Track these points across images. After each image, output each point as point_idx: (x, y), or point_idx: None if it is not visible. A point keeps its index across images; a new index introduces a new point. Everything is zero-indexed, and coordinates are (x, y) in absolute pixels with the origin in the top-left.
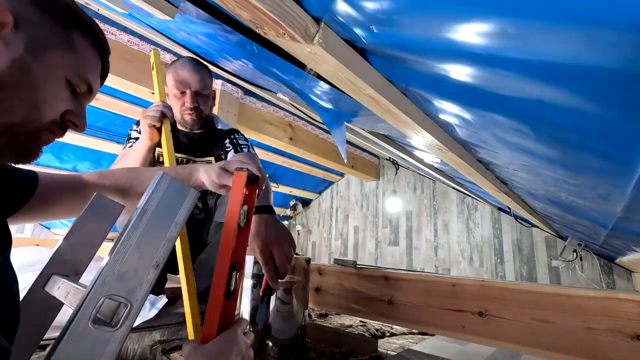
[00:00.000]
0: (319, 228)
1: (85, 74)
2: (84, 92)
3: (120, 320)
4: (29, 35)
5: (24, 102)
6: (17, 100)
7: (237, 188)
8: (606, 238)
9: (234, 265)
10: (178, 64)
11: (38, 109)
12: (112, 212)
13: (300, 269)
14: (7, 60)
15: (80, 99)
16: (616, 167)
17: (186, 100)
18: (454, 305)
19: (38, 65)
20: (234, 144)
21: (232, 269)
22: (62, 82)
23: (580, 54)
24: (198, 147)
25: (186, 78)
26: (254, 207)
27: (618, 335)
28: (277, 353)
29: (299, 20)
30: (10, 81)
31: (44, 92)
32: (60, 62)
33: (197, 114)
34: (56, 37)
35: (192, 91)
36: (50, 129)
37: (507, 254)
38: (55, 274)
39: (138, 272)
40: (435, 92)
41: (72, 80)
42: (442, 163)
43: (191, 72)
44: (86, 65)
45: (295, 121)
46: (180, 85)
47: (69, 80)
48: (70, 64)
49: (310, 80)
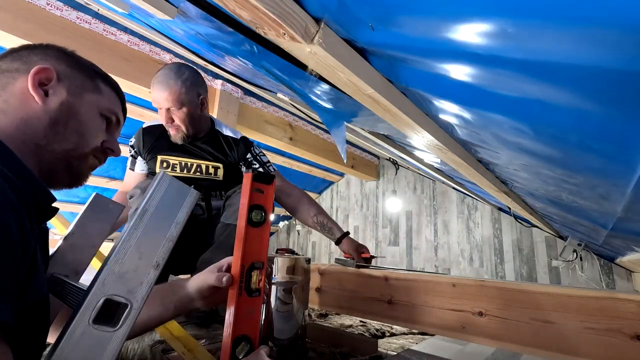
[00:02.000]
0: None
1: (111, 108)
2: (114, 123)
3: (120, 320)
4: (68, 85)
5: (73, 133)
6: (68, 132)
7: (244, 189)
8: (606, 238)
9: (253, 264)
10: (154, 80)
11: (84, 137)
12: (112, 212)
13: (301, 269)
14: (57, 103)
15: (112, 131)
16: (616, 167)
17: (161, 116)
18: (454, 305)
19: (79, 105)
20: (259, 160)
21: (252, 268)
22: (97, 115)
23: (581, 54)
24: (203, 152)
25: (155, 97)
26: (271, 207)
27: (618, 335)
28: (277, 353)
29: (299, 20)
30: (62, 117)
31: (86, 124)
32: (94, 101)
33: (176, 129)
34: (87, 84)
35: (165, 109)
36: (94, 154)
37: (507, 254)
38: (55, 274)
39: (138, 272)
40: (435, 92)
41: (104, 113)
42: (442, 163)
43: (159, 91)
44: (111, 102)
45: (295, 121)
46: (154, 103)
47: (102, 113)
48: (100, 101)
49: (311, 80)
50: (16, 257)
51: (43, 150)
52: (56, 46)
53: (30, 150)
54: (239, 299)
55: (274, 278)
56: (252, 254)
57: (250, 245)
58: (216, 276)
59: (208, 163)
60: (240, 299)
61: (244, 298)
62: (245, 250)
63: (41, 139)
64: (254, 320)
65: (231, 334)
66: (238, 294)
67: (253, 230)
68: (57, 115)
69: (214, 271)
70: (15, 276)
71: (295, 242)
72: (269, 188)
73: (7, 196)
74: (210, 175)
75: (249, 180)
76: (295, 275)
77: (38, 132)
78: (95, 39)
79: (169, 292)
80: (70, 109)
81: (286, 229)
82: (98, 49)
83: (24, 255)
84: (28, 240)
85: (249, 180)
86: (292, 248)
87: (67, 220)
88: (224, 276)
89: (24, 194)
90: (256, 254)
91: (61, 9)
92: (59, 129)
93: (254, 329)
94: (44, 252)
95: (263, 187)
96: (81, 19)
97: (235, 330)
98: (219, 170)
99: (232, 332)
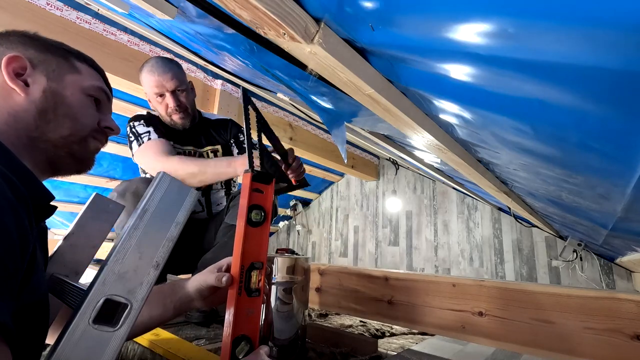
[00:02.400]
0: (319, 228)
1: (95, 85)
2: (103, 101)
3: (120, 320)
4: (45, 70)
5: (65, 118)
6: (60, 118)
7: (244, 189)
8: (606, 238)
9: (253, 264)
10: (147, 69)
11: (77, 120)
12: (112, 212)
13: (301, 269)
14: (40, 91)
15: (104, 109)
16: (616, 167)
17: (168, 102)
18: (454, 305)
19: (62, 89)
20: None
21: (252, 268)
22: (84, 95)
23: (581, 54)
24: (197, 138)
25: (159, 81)
26: (271, 206)
27: (618, 335)
28: (277, 353)
29: (299, 21)
30: (49, 105)
31: (76, 106)
32: (75, 82)
33: (183, 111)
34: (63, 66)
35: (170, 91)
36: (94, 136)
37: (507, 254)
38: (55, 274)
39: (138, 272)
40: (435, 91)
41: (89, 92)
42: (442, 163)
43: (163, 74)
44: (93, 80)
45: (295, 121)
46: (156, 89)
47: (87, 93)
48: (82, 81)
49: (311, 80)
50: (15, 257)
51: (38, 141)
52: (18, 31)
53: (25, 144)
54: (239, 299)
55: (274, 278)
56: (252, 254)
57: (249, 245)
58: (216, 276)
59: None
60: (239, 299)
61: (244, 298)
62: (244, 250)
63: (33, 131)
64: (253, 321)
65: (231, 334)
66: (237, 294)
67: (252, 230)
68: (43, 104)
69: (213, 271)
70: (14, 276)
71: (295, 242)
72: (268, 188)
73: (5, 196)
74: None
75: (249, 180)
76: (295, 275)
77: (29, 124)
78: (95, 39)
79: (169, 292)
80: (55, 95)
81: (286, 229)
82: (98, 49)
83: (23, 256)
84: (27, 240)
85: (248, 180)
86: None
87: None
88: (223, 276)
89: (23, 193)
90: (256, 254)
91: (61, 9)
92: (50, 117)
93: (253, 329)
94: (43, 251)
95: (262, 187)
96: (81, 19)
97: (234, 330)
98: (218, 154)
99: (231, 332)
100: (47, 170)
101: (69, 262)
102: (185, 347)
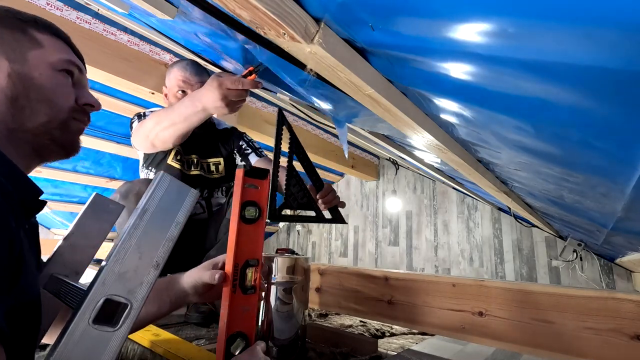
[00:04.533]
0: (319, 228)
1: (64, 58)
2: (76, 74)
3: (120, 320)
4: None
5: (40, 103)
6: (34, 104)
7: (236, 185)
8: (606, 237)
9: (247, 261)
10: (180, 65)
11: (53, 102)
12: (112, 212)
13: (300, 269)
14: (4, 77)
15: (79, 83)
16: (617, 166)
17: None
18: (454, 305)
19: (28, 70)
20: (252, 146)
21: (247, 265)
22: (54, 72)
23: (581, 54)
24: (202, 147)
25: (189, 78)
26: (267, 202)
27: (618, 335)
28: (277, 353)
29: (299, 21)
30: (18, 91)
31: (47, 86)
32: (41, 58)
33: None
34: (22, 41)
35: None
36: (74, 117)
37: (507, 254)
38: (55, 274)
39: (138, 272)
40: (435, 90)
41: (59, 67)
42: (442, 163)
43: (194, 74)
44: (59, 52)
45: (295, 121)
46: (182, 85)
47: (57, 68)
48: (47, 56)
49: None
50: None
51: (18, 132)
52: None
53: (5, 136)
54: (233, 297)
55: (274, 278)
56: (246, 251)
57: (243, 242)
58: (209, 273)
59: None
60: (234, 297)
61: (239, 296)
62: (238, 248)
63: (10, 122)
64: (249, 318)
65: (225, 331)
66: (232, 291)
67: (247, 227)
68: (12, 91)
69: (208, 268)
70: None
71: (295, 242)
72: (263, 183)
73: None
74: (212, 174)
75: (241, 176)
76: (295, 275)
77: (4, 115)
78: (95, 39)
79: (165, 287)
80: (22, 78)
81: (286, 229)
82: (98, 49)
83: (10, 257)
84: (13, 241)
85: (240, 176)
86: (292, 248)
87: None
88: (216, 274)
89: (9, 190)
90: (251, 252)
91: (61, 9)
92: (23, 104)
93: (250, 326)
94: (35, 247)
95: (257, 183)
96: (81, 19)
97: (229, 327)
98: (220, 166)
99: (226, 329)
100: (34, 160)
101: (69, 262)
102: (185, 347)
